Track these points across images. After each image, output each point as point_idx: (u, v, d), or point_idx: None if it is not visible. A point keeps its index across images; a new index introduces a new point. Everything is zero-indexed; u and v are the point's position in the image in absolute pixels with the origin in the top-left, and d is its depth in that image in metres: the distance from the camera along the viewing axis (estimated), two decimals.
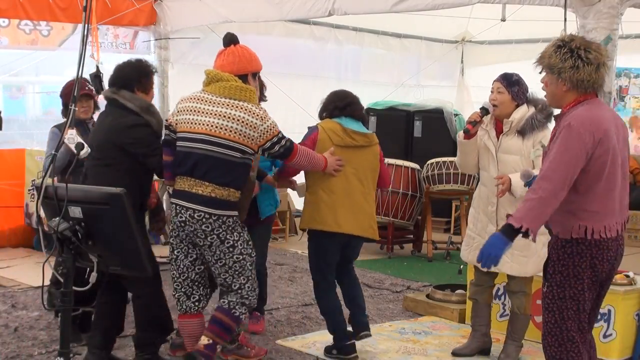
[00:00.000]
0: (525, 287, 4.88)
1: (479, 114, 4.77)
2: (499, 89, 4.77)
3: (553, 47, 3.48)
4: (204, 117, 4.29)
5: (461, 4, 6.86)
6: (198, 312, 4.53)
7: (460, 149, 4.95)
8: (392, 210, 8.20)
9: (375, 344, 5.30)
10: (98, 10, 7.78)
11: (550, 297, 3.54)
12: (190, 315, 4.53)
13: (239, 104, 4.31)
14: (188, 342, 4.55)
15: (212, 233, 4.29)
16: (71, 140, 4.72)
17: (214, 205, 4.27)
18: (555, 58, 3.45)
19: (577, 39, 3.51)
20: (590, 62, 3.42)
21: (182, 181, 4.36)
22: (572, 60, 3.41)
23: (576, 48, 3.43)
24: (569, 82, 3.44)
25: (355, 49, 10.98)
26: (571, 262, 3.48)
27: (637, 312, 5.14)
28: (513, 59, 10.70)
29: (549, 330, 3.56)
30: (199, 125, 4.29)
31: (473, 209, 5.03)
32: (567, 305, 3.50)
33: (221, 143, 4.27)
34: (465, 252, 5.07)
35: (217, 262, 4.37)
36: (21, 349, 4.97)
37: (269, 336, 5.44)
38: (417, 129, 10.04)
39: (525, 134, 4.69)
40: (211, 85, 4.39)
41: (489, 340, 5.11)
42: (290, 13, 7.65)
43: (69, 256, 3.09)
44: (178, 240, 4.44)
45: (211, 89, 4.37)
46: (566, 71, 3.43)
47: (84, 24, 3.34)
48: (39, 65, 8.86)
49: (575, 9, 5.34)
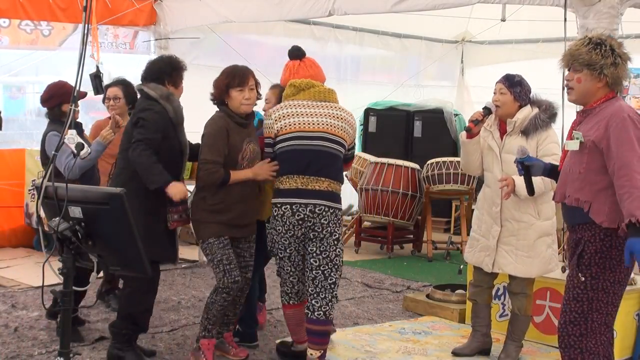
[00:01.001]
0: (526, 288, 4.88)
1: (481, 113, 4.78)
2: (501, 89, 4.78)
3: (590, 45, 3.57)
4: (315, 118, 4.57)
5: (461, 4, 6.87)
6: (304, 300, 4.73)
7: (463, 149, 4.95)
8: (392, 210, 8.20)
9: (375, 344, 5.30)
10: (98, 10, 7.79)
11: (583, 287, 3.57)
12: (300, 304, 4.72)
13: (336, 105, 4.69)
14: (297, 329, 4.79)
15: (328, 225, 4.49)
16: (71, 140, 4.71)
17: (332, 199, 4.52)
18: (597, 55, 3.54)
19: (609, 37, 3.65)
20: (626, 60, 3.58)
21: (292, 180, 4.52)
22: (613, 57, 3.54)
23: (614, 46, 3.57)
24: (610, 78, 3.54)
25: (355, 49, 10.99)
26: (609, 254, 3.52)
27: (637, 312, 5.15)
28: (513, 59, 10.73)
29: (572, 320, 3.59)
30: (314, 125, 4.55)
31: (477, 210, 5.03)
32: (598, 297, 3.54)
33: (335, 140, 4.58)
34: (469, 254, 5.06)
35: (321, 254, 4.51)
36: (21, 349, 4.97)
37: (269, 336, 5.44)
38: (417, 129, 10.05)
39: (529, 133, 4.70)
40: (303, 92, 4.65)
41: (489, 340, 5.11)
42: (290, 13, 7.66)
43: (69, 256, 3.09)
44: (294, 239, 4.54)
45: (305, 96, 4.64)
46: (608, 67, 3.53)
47: (84, 24, 3.34)
48: (39, 65, 8.86)
49: (575, 9, 5.35)
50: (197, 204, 4.62)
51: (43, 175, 3.17)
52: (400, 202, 8.18)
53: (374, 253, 8.65)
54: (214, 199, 4.56)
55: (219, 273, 4.53)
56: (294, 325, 4.81)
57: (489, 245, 4.84)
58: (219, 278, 4.54)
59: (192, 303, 6.22)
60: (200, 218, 4.62)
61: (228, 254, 4.54)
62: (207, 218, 4.58)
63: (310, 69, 4.83)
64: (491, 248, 4.83)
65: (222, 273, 4.51)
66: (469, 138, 4.85)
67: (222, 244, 4.56)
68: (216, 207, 4.56)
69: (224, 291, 4.53)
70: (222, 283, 4.52)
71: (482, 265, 4.93)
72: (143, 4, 8.57)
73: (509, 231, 4.78)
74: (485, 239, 4.87)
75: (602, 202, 3.49)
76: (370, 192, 8.28)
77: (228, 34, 9.15)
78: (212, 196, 4.57)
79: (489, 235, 4.84)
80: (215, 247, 4.54)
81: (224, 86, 4.60)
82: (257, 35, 9.53)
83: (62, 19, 8.16)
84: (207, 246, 4.57)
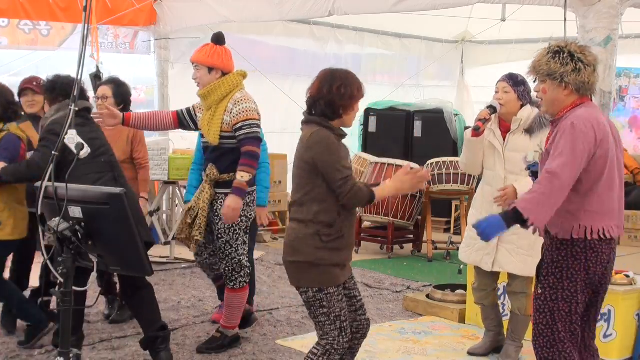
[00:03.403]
0: (526, 288, 4.88)
1: (488, 112, 4.78)
2: (505, 88, 4.79)
3: (549, 55, 3.52)
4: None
5: (461, 4, 6.87)
6: None
7: (469, 148, 4.94)
8: (392, 210, 8.20)
9: (375, 344, 5.30)
10: (98, 10, 7.79)
11: (543, 298, 3.56)
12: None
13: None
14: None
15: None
16: (71, 140, 4.70)
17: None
18: (555, 64, 3.48)
19: (570, 43, 3.57)
20: (590, 64, 3.49)
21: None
22: (573, 63, 3.47)
23: (574, 52, 3.49)
24: (572, 85, 3.47)
25: (355, 49, 10.99)
26: (565, 264, 3.50)
27: (637, 312, 5.14)
28: (513, 59, 10.73)
29: (540, 332, 3.58)
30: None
31: (474, 209, 5.03)
32: (559, 307, 3.52)
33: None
34: (466, 254, 5.06)
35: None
36: (21, 349, 4.97)
37: (269, 336, 5.44)
38: (417, 129, 10.05)
39: (534, 132, 4.73)
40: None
41: (503, 338, 5.12)
42: (290, 13, 7.66)
43: (69, 256, 3.09)
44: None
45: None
46: (569, 75, 3.47)
47: (84, 24, 3.33)
48: (39, 65, 8.86)
49: (575, 9, 5.35)
50: (307, 240, 3.62)
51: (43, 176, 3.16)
52: (400, 202, 8.18)
53: (374, 253, 8.65)
54: (330, 232, 3.62)
55: (333, 331, 3.66)
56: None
57: (489, 243, 4.84)
58: (333, 337, 3.66)
59: (192, 303, 6.21)
60: (316, 261, 3.62)
61: (345, 307, 3.72)
62: (328, 260, 3.63)
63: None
64: (491, 247, 4.83)
65: (338, 331, 3.66)
66: (474, 136, 4.85)
67: (341, 295, 3.71)
68: (335, 244, 3.64)
69: (338, 352, 3.69)
70: (338, 343, 3.66)
71: (480, 264, 4.93)
72: (143, 4, 8.56)
73: (510, 230, 4.77)
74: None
75: (557, 212, 3.43)
76: None
77: (228, 34, 9.11)
78: (328, 228, 3.62)
79: None
80: (335, 299, 3.65)
81: (352, 98, 3.70)
82: (257, 35, 9.53)
83: (62, 19, 8.16)
84: (325, 297, 3.63)
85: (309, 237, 3.60)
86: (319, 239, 3.59)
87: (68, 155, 3.50)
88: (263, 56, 9.64)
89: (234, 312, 5.06)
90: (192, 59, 4.95)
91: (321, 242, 3.60)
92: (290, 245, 3.68)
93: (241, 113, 4.77)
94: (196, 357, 4.98)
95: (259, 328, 5.60)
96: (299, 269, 3.67)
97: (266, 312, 6.02)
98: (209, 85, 4.84)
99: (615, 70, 5.29)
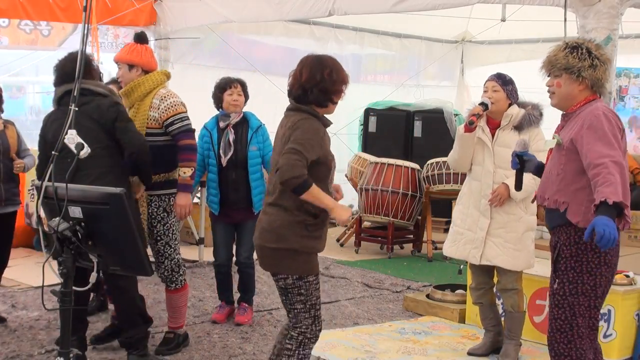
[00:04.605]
0: (516, 283, 4.92)
1: (481, 108, 4.84)
2: (494, 87, 4.87)
3: (567, 49, 3.60)
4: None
5: (461, 4, 6.87)
6: None
7: (460, 143, 4.96)
8: (392, 210, 8.20)
9: (375, 344, 5.30)
10: (98, 10, 7.80)
11: (562, 293, 3.57)
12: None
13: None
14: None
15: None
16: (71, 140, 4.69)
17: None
18: (573, 58, 3.57)
19: (587, 41, 3.68)
20: (604, 62, 3.60)
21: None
22: (590, 59, 3.57)
23: (591, 49, 3.60)
24: (589, 81, 3.56)
25: (355, 49, 10.99)
26: (585, 257, 3.51)
27: (637, 312, 5.14)
28: (513, 59, 10.74)
29: (558, 327, 3.58)
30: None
31: (461, 205, 5.07)
32: (580, 302, 3.53)
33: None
34: (451, 248, 5.09)
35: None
36: (21, 349, 4.97)
37: (269, 336, 5.44)
38: (417, 129, 10.04)
39: (522, 128, 4.80)
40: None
41: (502, 338, 5.12)
42: (290, 13, 7.66)
43: (69, 256, 3.09)
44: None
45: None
46: (586, 70, 3.56)
47: (84, 24, 3.34)
48: (39, 65, 8.88)
49: (575, 9, 5.35)
50: (293, 228, 3.61)
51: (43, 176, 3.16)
52: (400, 202, 8.19)
53: (374, 253, 8.65)
54: (316, 222, 3.64)
55: (307, 319, 3.68)
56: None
57: (477, 237, 4.89)
58: (306, 325, 3.68)
59: (192, 303, 6.21)
60: (302, 248, 3.62)
61: (320, 296, 3.74)
62: (311, 248, 3.66)
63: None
64: (479, 240, 4.88)
65: (312, 319, 3.69)
66: (468, 132, 4.88)
67: (319, 284, 3.74)
68: (318, 233, 3.68)
69: (312, 342, 3.72)
70: (310, 332, 3.69)
71: (468, 258, 4.98)
72: (143, 4, 8.56)
73: (499, 223, 4.84)
74: (471, 232, 4.92)
75: (579, 202, 3.49)
76: (370, 192, 8.28)
77: (228, 34, 9.16)
78: (313, 217, 3.62)
79: (475, 228, 4.89)
80: (313, 287, 3.67)
81: (343, 83, 3.77)
82: (257, 35, 9.52)
83: (62, 18, 8.16)
84: (304, 285, 3.65)
85: (295, 225, 3.59)
86: (305, 228, 3.60)
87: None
88: (263, 56, 9.64)
89: (180, 311, 5.10)
90: (114, 58, 5.02)
91: (307, 230, 3.60)
92: (273, 232, 3.62)
93: (170, 108, 4.78)
94: (196, 357, 4.98)
95: (259, 328, 5.60)
96: (281, 255, 3.62)
97: (266, 312, 6.03)
98: (131, 82, 4.85)
99: (615, 70, 5.30)
